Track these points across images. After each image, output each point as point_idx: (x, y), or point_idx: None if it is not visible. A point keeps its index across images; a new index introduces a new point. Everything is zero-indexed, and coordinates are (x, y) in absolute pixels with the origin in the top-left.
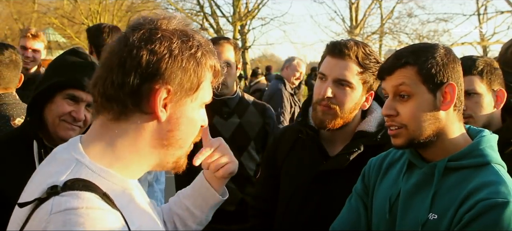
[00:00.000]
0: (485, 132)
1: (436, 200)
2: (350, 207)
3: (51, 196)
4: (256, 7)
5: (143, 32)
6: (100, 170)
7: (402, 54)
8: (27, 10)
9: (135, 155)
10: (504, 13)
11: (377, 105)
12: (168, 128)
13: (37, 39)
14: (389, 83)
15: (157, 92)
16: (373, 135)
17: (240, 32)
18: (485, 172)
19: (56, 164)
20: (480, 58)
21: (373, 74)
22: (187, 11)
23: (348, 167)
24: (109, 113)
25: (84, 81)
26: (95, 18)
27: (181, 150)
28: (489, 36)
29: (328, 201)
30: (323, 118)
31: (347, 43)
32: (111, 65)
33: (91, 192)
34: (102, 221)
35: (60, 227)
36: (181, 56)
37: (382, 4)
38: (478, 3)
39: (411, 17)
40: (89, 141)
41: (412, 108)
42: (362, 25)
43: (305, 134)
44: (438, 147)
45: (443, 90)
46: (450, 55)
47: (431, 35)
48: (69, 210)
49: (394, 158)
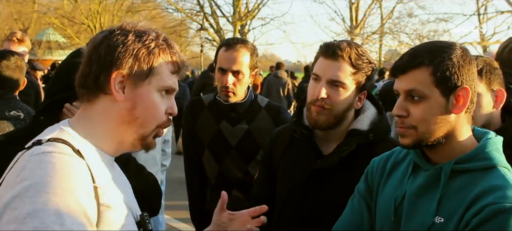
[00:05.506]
0: (491, 134)
1: (443, 203)
2: (353, 208)
3: (34, 146)
4: (256, 7)
5: (106, 33)
6: (78, 137)
7: (418, 53)
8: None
9: (106, 130)
10: (504, 13)
11: (369, 104)
12: (128, 106)
13: (22, 43)
14: (402, 84)
15: (112, 76)
16: (366, 133)
17: (240, 32)
18: (492, 175)
19: (45, 131)
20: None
21: (366, 74)
22: (187, 11)
23: (341, 165)
24: (84, 98)
25: None
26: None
27: (143, 128)
28: (489, 36)
29: (322, 199)
30: (317, 118)
31: (340, 44)
32: (83, 62)
33: (67, 145)
34: (71, 164)
35: (36, 164)
36: (133, 46)
37: (382, 4)
38: (478, 3)
39: (411, 17)
40: (74, 120)
41: (424, 110)
42: (362, 25)
43: (299, 133)
44: (445, 149)
45: (457, 93)
46: (467, 57)
47: (431, 35)
48: (45, 153)
49: (398, 158)
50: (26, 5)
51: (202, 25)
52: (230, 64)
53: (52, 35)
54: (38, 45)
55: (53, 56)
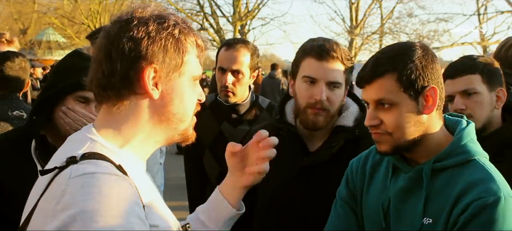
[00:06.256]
0: (463, 123)
1: (428, 203)
2: (337, 215)
3: (69, 164)
4: (256, 7)
5: (121, 23)
6: (113, 148)
7: (380, 61)
8: (27, 10)
9: (140, 134)
10: (504, 13)
11: (351, 101)
12: (163, 104)
13: (12, 44)
14: (369, 94)
15: (144, 73)
16: (352, 129)
17: (240, 32)
18: (472, 169)
19: (71, 143)
20: (481, 58)
21: (350, 70)
22: (187, 11)
23: (328, 161)
24: (108, 101)
25: None
26: (95, 18)
27: (182, 124)
28: (489, 36)
29: (311, 196)
30: (316, 120)
31: (333, 45)
32: (100, 59)
33: (107, 162)
34: (118, 186)
35: (78, 188)
36: (159, 36)
37: (382, 4)
38: (478, 3)
39: (411, 17)
40: (99, 127)
41: (396, 117)
42: (362, 25)
43: (286, 131)
44: (422, 148)
45: (425, 94)
46: (428, 56)
47: (431, 35)
48: (87, 174)
49: (376, 159)
50: (26, 5)
51: (202, 25)
52: (230, 63)
53: (52, 35)
54: (38, 45)
55: (53, 56)
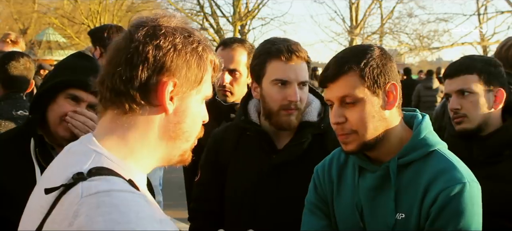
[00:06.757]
0: (419, 117)
1: (399, 199)
2: (309, 220)
3: (77, 182)
4: (256, 7)
5: (148, 29)
6: (119, 161)
7: (344, 59)
8: (27, 10)
9: (145, 147)
10: (504, 13)
11: (313, 96)
12: (175, 120)
13: (16, 45)
14: (334, 93)
15: (165, 85)
16: (317, 124)
17: (240, 32)
18: (434, 160)
19: (74, 156)
20: (480, 58)
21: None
22: (187, 11)
23: (297, 157)
24: (117, 108)
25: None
26: (95, 18)
27: (187, 143)
28: (489, 36)
29: (283, 193)
30: (289, 120)
31: (297, 45)
32: (118, 62)
33: (119, 177)
34: (135, 202)
35: (94, 208)
36: (185, 50)
37: (382, 4)
38: (478, 3)
39: (411, 17)
40: (102, 135)
41: (360, 113)
42: (362, 25)
43: (253, 130)
44: (385, 145)
45: (387, 90)
46: (386, 54)
47: (431, 35)
48: (101, 192)
49: (340, 163)
50: (26, 5)
51: (202, 25)
52: (227, 63)
53: (52, 35)
54: (38, 45)
55: (53, 56)
